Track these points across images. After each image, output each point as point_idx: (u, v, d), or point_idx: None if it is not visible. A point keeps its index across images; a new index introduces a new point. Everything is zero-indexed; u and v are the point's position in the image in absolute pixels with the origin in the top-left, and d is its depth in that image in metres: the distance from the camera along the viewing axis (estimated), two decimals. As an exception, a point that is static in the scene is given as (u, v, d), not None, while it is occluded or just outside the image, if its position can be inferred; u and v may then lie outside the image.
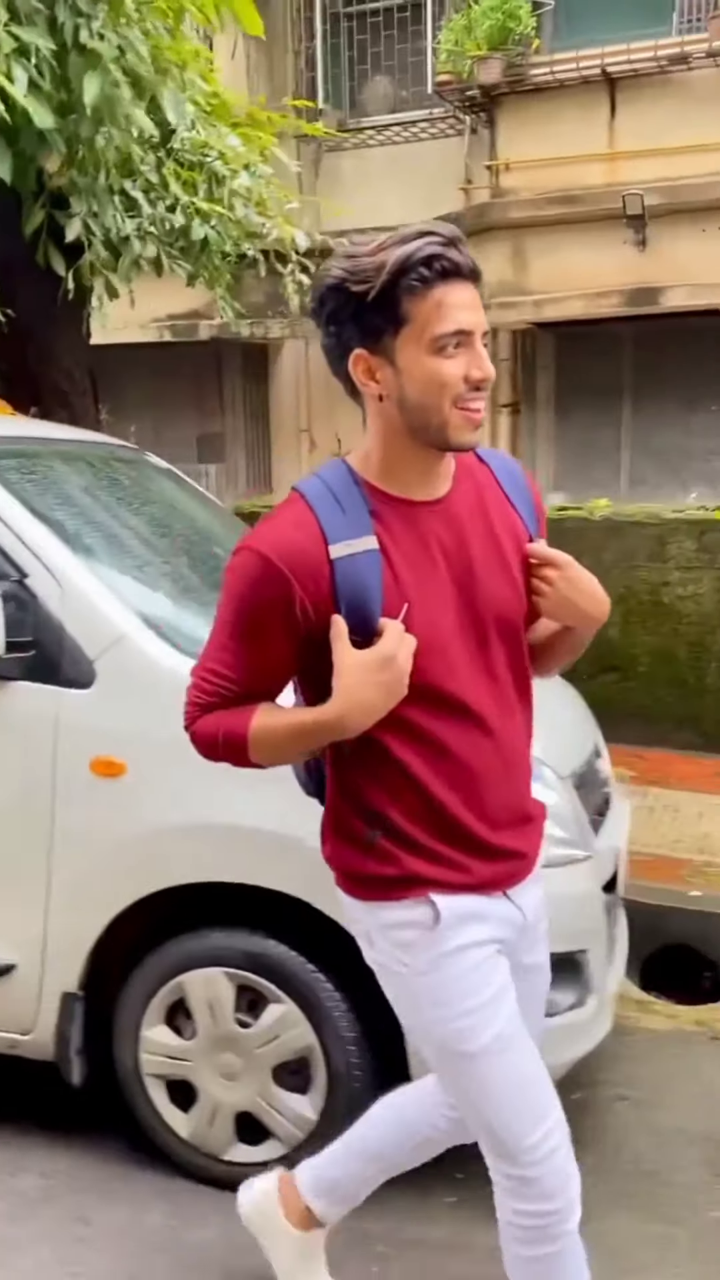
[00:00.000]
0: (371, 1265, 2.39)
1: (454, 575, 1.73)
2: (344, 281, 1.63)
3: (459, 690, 1.73)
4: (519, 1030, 1.79)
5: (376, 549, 1.68)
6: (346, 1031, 2.49)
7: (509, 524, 1.80)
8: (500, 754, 1.78)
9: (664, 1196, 2.61)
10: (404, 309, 1.61)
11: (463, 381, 1.64)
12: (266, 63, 9.82)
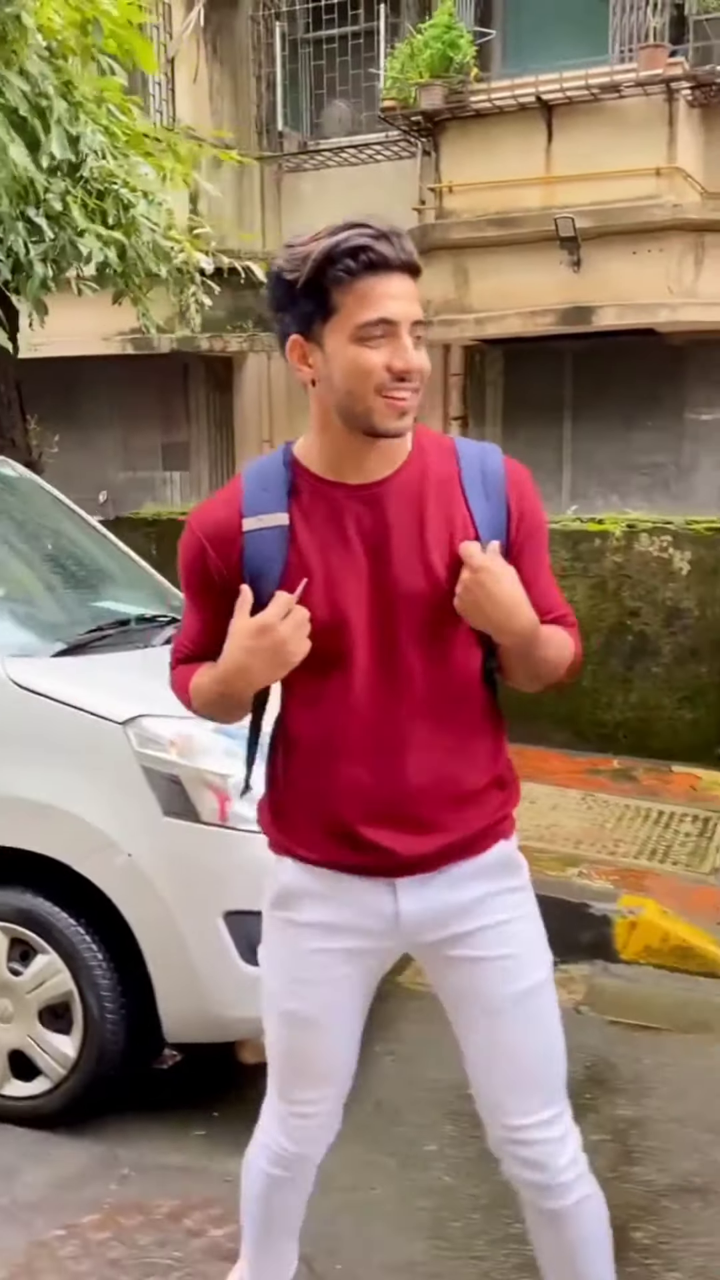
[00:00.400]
0: (111, 1184, 2.69)
1: (368, 558, 1.74)
2: (282, 271, 1.69)
3: (346, 670, 1.76)
4: (339, 1014, 1.86)
5: (285, 525, 1.74)
6: (102, 980, 2.80)
7: (448, 517, 1.75)
8: (384, 744, 1.77)
9: (393, 1133, 2.90)
10: (332, 298, 1.65)
11: (385, 370, 1.66)
12: (231, 86, 10.18)
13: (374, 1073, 3.19)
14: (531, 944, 1.85)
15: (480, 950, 1.81)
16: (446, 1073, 3.19)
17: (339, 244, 1.63)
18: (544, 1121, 1.83)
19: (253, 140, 10.24)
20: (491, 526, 1.76)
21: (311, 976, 1.84)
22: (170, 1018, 2.81)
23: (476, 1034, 1.85)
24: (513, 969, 1.81)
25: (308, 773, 1.82)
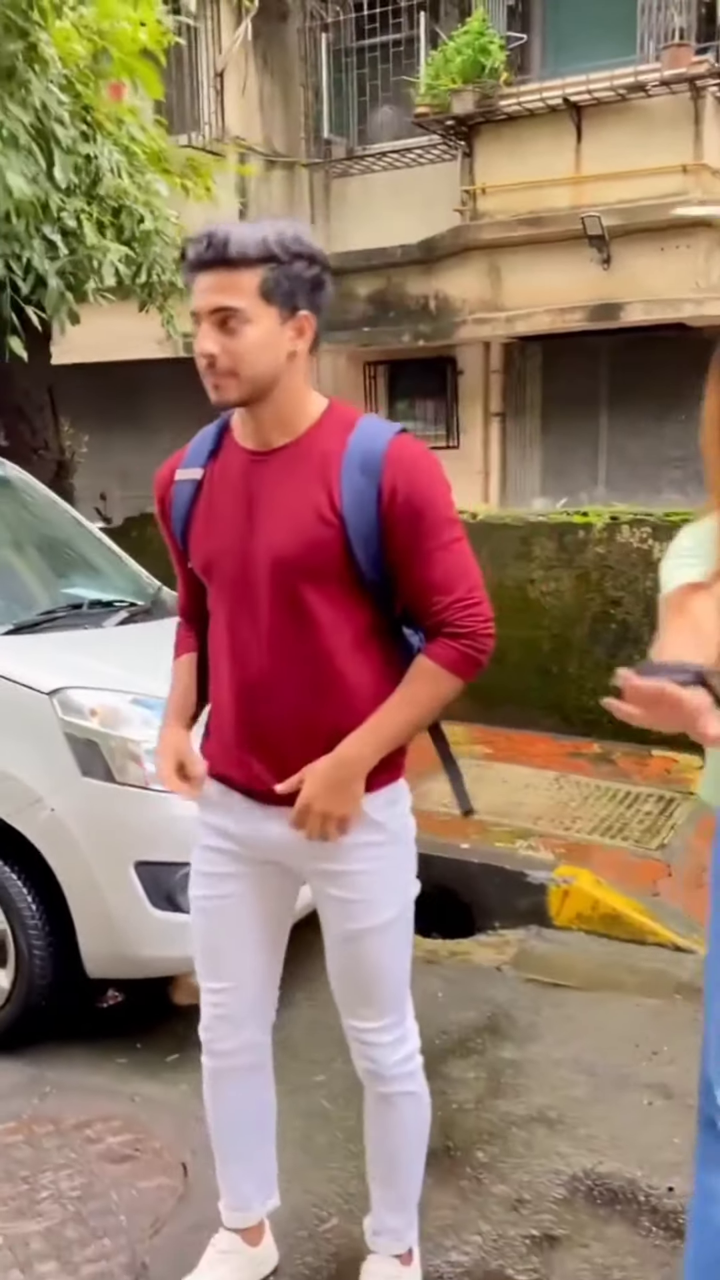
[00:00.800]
0: (33, 1099, 3.05)
1: (247, 514, 1.96)
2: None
3: (227, 606, 2.01)
4: (234, 914, 2.12)
5: (198, 479, 2.02)
6: (31, 921, 3.16)
7: (320, 488, 1.91)
8: (259, 673, 1.98)
9: (291, 1065, 3.19)
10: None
11: (199, 356, 1.88)
12: (281, 95, 10.55)
13: (289, 1017, 3.50)
14: (381, 893, 2.06)
15: (337, 890, 2.06)
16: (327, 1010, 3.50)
17: (183, 252, 1.91)
18: (377, 1029, 2.12)
19: (302, 147, 10.60)
20: (359, 504, 1.90)
21: (210, 870, 2.13)
22: (90, 956, 3.16)
23: (331, 954, 2.13)
24: (360, 911, 2.06)
25: (214, 694, 2.10)
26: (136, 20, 5.63)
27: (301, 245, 1.87)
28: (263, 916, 2.15)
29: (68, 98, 5.60)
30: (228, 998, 2.19)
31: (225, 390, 1.90)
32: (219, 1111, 2.27)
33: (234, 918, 2.13)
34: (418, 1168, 2.23)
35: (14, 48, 4.95)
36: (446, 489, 1.98)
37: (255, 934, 2.16)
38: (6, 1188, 2.68)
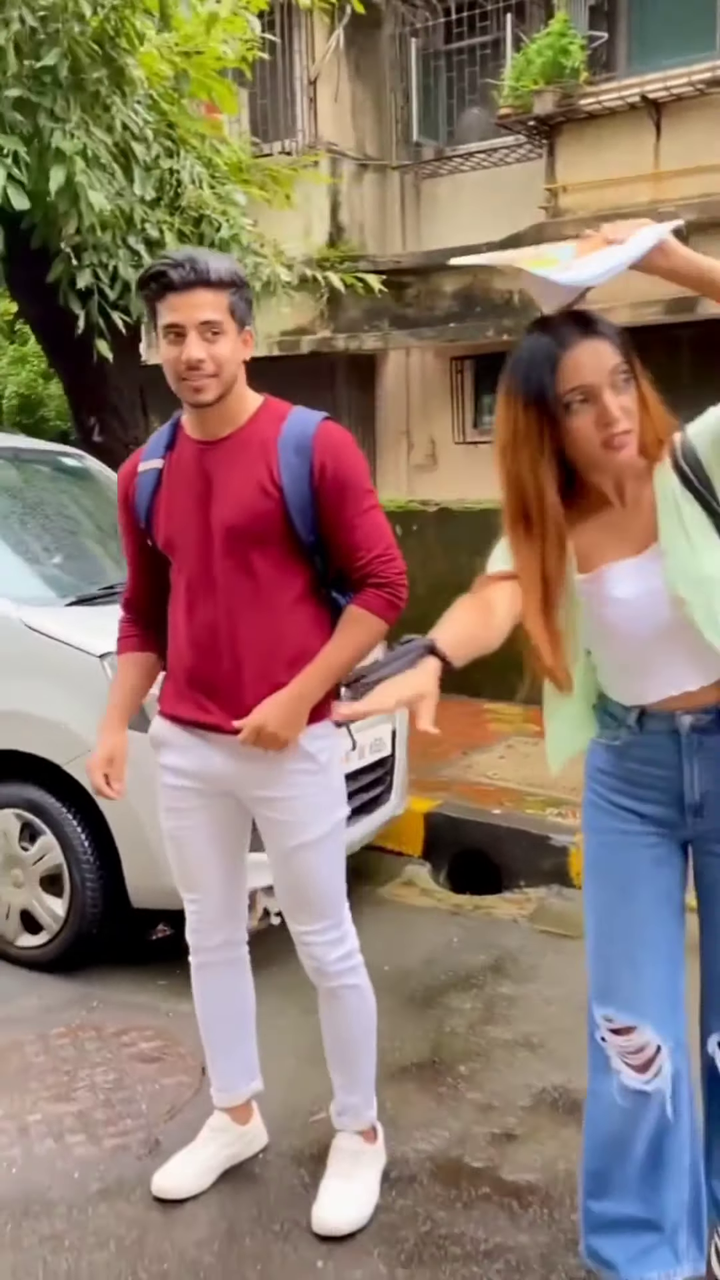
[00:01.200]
0: (82, 1011, 3.48)
1: (201, 495, 2.32)
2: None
3: (187, 574, 2.37)
4: (197, 837, 2.51)
5: (158, 469, 2.39)
6: (84, 855, 3.59)
7: (263, 469, 2.28)
8: (210, 628, 2.34)
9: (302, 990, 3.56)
10: (153, 309, 2.26)
11: (180, 362, 2.22)
12: (373, 101, 10.88)
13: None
14: (312, 814, 2.42)
15: (272, 812, 2.44)
16: (387, 956, 3.85)
17: (144, 274, 2.26)
18: (315, 930, 2.49)
19: (392, 150, 10.92)
20: (295, 478, 2.28)
21: (173, 805, 2.52)
22: (134, 888, 3.58)
23: (275, 870, 2.50)
24: (294, 830, 2.42)
25: (171, 649, 2.47)
26: (218, 39, 6.03)
27: (243, 276, 2.28)
28: (220, 839, 2.54)
29: (152, 116, 6.06)
30: (201, 905, 2.59)
31: (206, 391, 2.26)
32: (205, 1003, 2.65)
33: (197, 841, 2.54)
34: (368, 1053, 2.58)
35: (97, 75, 5.40)
36: (365, 465, 2.39)
37: (216, 853, 2.55)
38: (50, 1077, 3.10)
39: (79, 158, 5.17)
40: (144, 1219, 2.50)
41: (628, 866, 2.14)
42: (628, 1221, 2.14)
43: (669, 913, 2.14)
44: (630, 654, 2.06)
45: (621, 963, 2.14)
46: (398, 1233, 2.45)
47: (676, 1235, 2.15)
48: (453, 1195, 2.59)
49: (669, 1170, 2.14)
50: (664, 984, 2.13)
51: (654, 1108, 2.12)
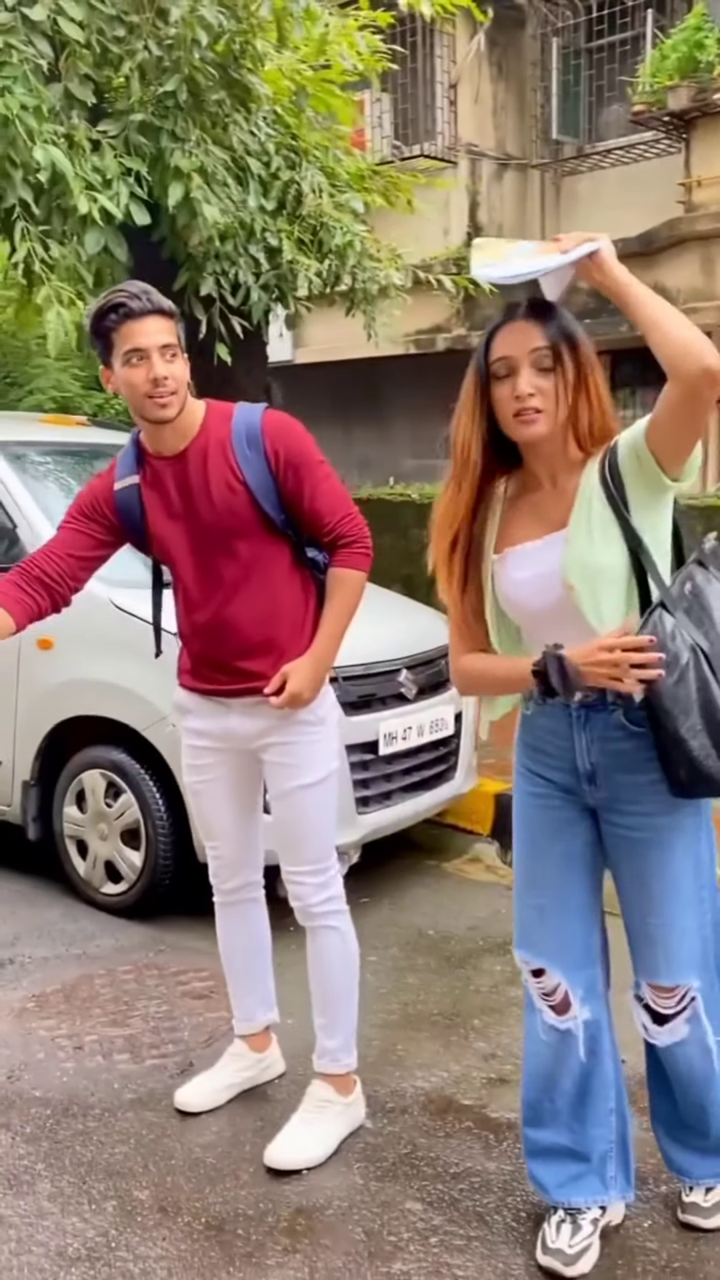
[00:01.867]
0: (150, 953, 3.86)
1: (183, 502, 2.61)
2: (86, 327, 2.60)
3: (186, 574, 2.68)
4: (216, 790, 2.82)
5: (136, 485, 2.65)
6: (158, 813, 3.98)
7: (226, 468, 2.56)
8: (213, 618, 2.66)
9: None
10: (110, 339, 2.50)
11: (146, 382, 2.48)
12: (516, 101, 11.04)
13: (368, 911, 4.16)
14: (309, 760, 2.71)
15: (277, 757, 2.73)
16: (419, 919, 4.12)
17: (103, 306, 2.49)
18: (303, 872, 2.78)
19: (532, 149, 11.05)
20: (254, 469, 2.56)
21: (195, 763, 2.84)
22: (199, 844, 3.93)
23: (273, 811, 2.80)
24: (293, 773, 2.72)
25: (182, 635, 2.81)
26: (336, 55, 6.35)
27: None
28: (235, 793, 2.85)
29: (275, 131, 6.43)
30: (221, 850, 2.90)
31: (170, 407, 2.52)
32: (227, 939, 2.97)
33: (215, 795, 2.85)
34: (347, 999, 2.83)
35: (217, 97, 5.79)
36: (311, 440, 2.67)
37: (231, 806, 2.86)
38: (110, 1006, 3.49)
39: (196, 174, 5.57)
40: (163, 1125, 2.85)
41: (539, 826, 2.37)
42: (559, 1150, 2.37)
43: (578, 871, 2.35)
44: (527, 628, 2.31)
45: (533, 913, 2.38)
46: (380, 1152, 2.73)
47: (605, 1166, 2.36)
48: (437, 1125, 2.84)
49: (595, 1107, 2.36)
50: (572, 936, 2.36)
51: (575, 1046, 2.34)
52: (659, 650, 2.08)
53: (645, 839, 2.26)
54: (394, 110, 10.61)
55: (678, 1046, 2.34)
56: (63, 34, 5.20)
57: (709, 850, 2.33)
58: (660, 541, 2.18)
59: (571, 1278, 2.29)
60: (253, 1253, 2.38)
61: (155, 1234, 2.44)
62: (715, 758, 2.12)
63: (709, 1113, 2.39)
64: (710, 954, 2.35)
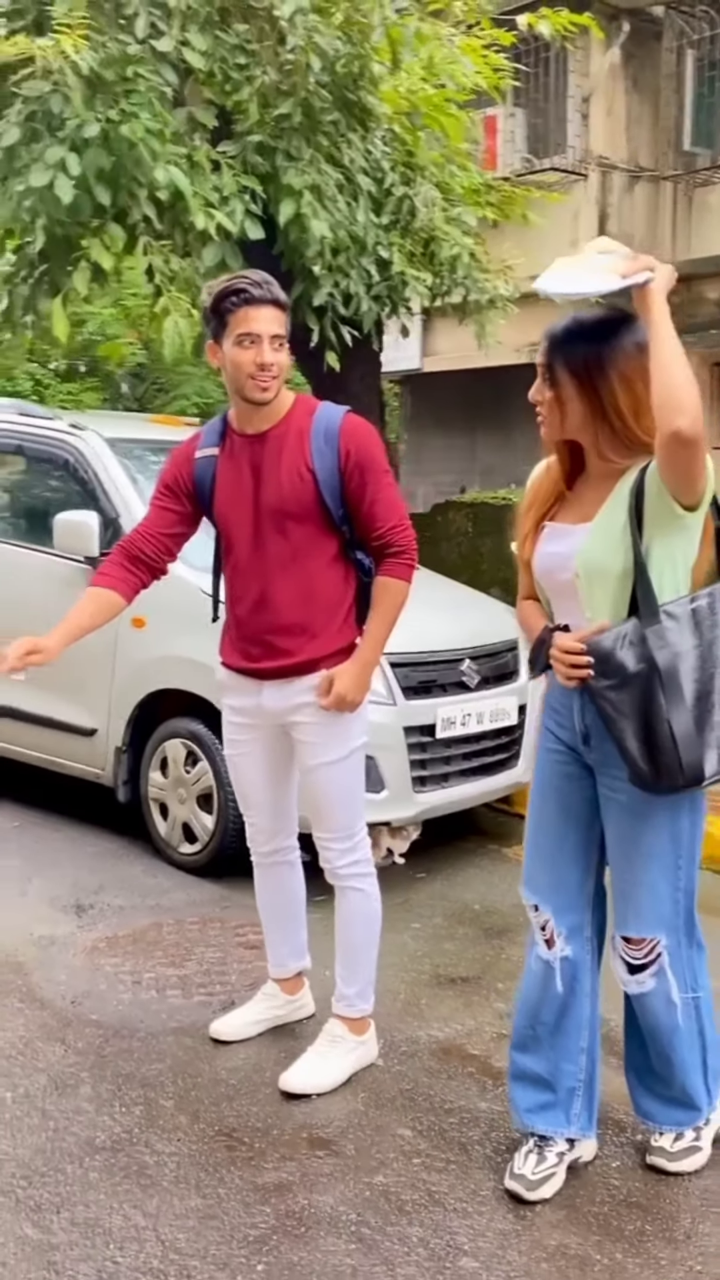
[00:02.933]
0: (216, 909, 4.19)
1: (253, 479, 2.85)
2: (203, 303, 2.84)
3: (240, 545, 2.90)
4: (250, 763, 3.08)
5: (214, 456, 2.91)
6: (229, 780, 4.30)
7: (298, 457, 2.81)
8: (260, 589, 2.88)
9: (397, 915, 4.11)
10: (225, 319, 2.75)
11: (252, 364, 2.76)
12: (648, 112, 11.09)
13: (420, 887, 4.41)
14: (330, 739, 2.95)
15: (304, 736, 2.99)
16: (469, 894, 4.35)
17: (226, 288, 2.76)
18: (328, 838, 3.05)
19: (667, 161, 11.08)
20: (325, 463, 2.81)
21: (233, 737, 3.13)
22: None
23: (302, 784, 3.10)
24: (318, 751, 2.97)
25: (228, 612, 3.06)
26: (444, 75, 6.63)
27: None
28: (269, 766, 3.11)
29: (391, 149, 6.74)
30: (256, 817, 3.19)
31: (270, 390, 2.80)
32: (262, 896, 3.27)
33: (250, 768, 3.12)
34: (367, 953, 3.09)
35: (331, 118, 6.13)
36: (382, 449, 2.93)
37: (265, 778, 3.13)
38: (171, 950, 3.84)
39: (308, 191, 5.91)
40: (197, 1049, 3.17)
41: (546, 778, 2.63)
42: (534, 1077, 2.60)
43: (575, 823, 2.60)
44: (545, 597, 2.59)
45: (534, 854, 2.64)
46: (383, 1086, 2.99)
47: (571, 1102, 2.58)
48: (441, 1068, 3.09)
49: (568, 1043, 2.58)
50: (563, 879, 2.60)
51: (555, 979, 2.57)
52: (606, 659, 2.33)
53: (625, 803, 2.49)
54: (526, 125, 10.80)
55: (645, 997, 2.57)
56: (187, 63, 5.61)
57: (691, 821, 2.53)
58: (673, 559, 2.39)
59: (530, 1200, 2.52)
60: (253, 1158, 2.67)
61: (172, 1135, 2.76)
62: (648, 762, 2.35)
63: (673, 1063, 2.59)
64: (681, 916, 2.55)
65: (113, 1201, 2.50)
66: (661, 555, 2.37)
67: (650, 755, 2.32)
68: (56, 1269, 2.29)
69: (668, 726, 2.30)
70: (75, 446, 4.98)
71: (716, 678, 2.37)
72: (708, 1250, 2.37)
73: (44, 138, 5.40)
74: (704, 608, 2.37)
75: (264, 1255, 2.34)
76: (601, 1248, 2.38)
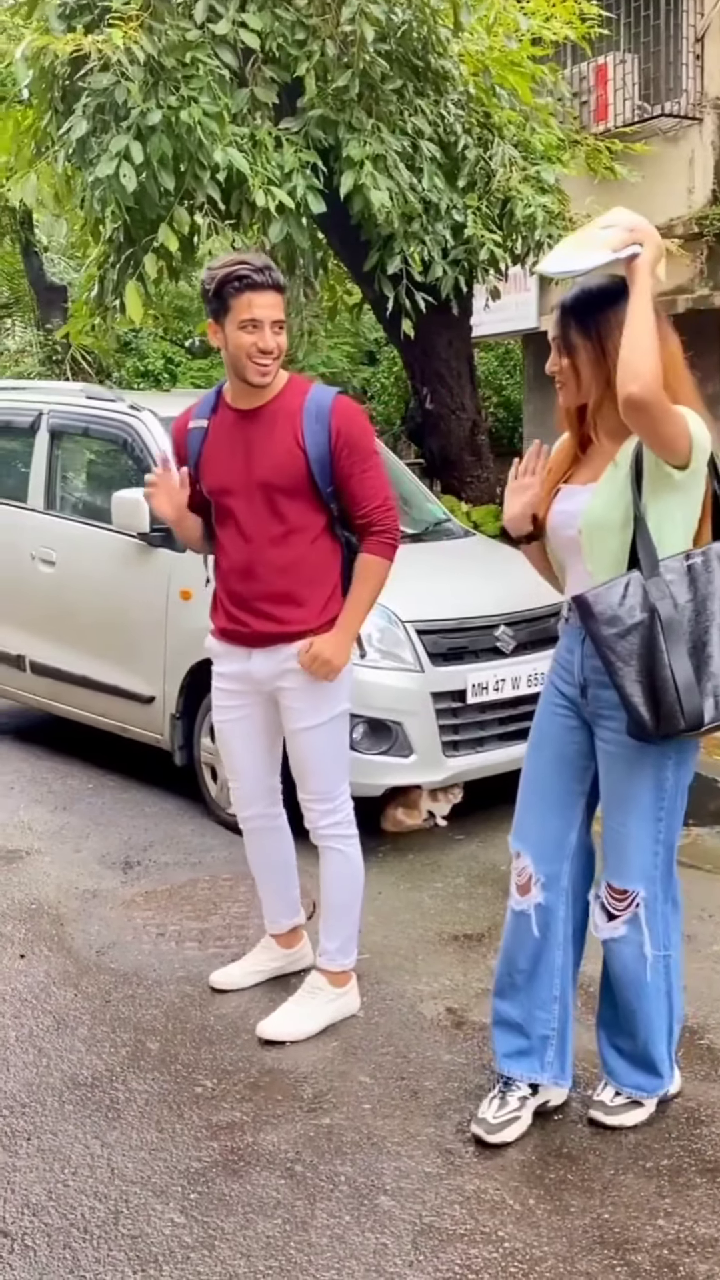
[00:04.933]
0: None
1: (245, 453, 2.97)
2: (204, 283, 2.94)
3: (231, 516, 3.02)
4: (237, 729, 3.21)
5: (204, 428, 3.06)
6: (266, 745, 4.48)
7: (289, 434, 2.93)
8: (248, 559, 3.01)
9: (420, 871, 4.21)
10: (228, 303, 2.86)
11: (254, 348, 2.87)
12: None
13: (454, 849, 4.50)
14: (313, 704, 3.09)
15: (288, 701, 3.13)
16: (498, 857, 4.42)
17: (229, 274, 2.85)
18: (311, 798, 3.19)
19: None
20: (316, 440, 2.93)
21: (222, 704, 3.26)
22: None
23: (289, 746, 3.23)
24: (301, 714, 3.12)
25: (218, 579, 3.18)
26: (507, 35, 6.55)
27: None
28: (255, 732, 3.24)
29: (464, 112, 6.71)
30: (241, 783, 3.33)
31: (270, 373, 2.93)
32: (253, 856, 3.42)
33: (237, 734, 3.25)
34: (348, 911, 3.21)
35: (393, 86, 6.15)
36: (371, 431, 3.04)
37: (250, 744, 3.26)
38: (200, 905, 4.05)
39: (368, 161, 5.97)
40: (194, 996, 3.36)
41: (543, 729, 2.73)
42: (511, 1023, 2.71)
43: (566, 774, 2.69)
44: (556, 553, 2.70)
45: (523, 802, 2.75)
46: (356, 1036, 3.12)
47: (545, 1049, 2.68)
48: (415, 1020, 3.20)
49: (540, 990, 2.68)
50: (548, 828, 2.69)
51: (532, 925, 2.66)
52: (610, 609, 2.42)
53: (614, 753, 2.59)
54: (636, 70, 10.48)
55: (616, 943, 2.65)
56: (245, 43, 5.73)
57: (675, 775, 2.61)
58: (671, 516, 2.48)
59: (492, 1144, 2.62)
60: (214, 1098, 2.85)
61: (148, 1075, 2.96)
62: (649, 708, 2.43)
63: (638, 1018, 2.65)
64: (660, 869, 2.62)
65: (79, 1132, 2.72)
66: (660, 512, 2.46)
67: (652, 701, 2.41)
68: (13, 1187, 2.52)
69: (669, 671, 2.39)
70: (133, 426, 5.19)
71: (711, 631, 2.46)
72: (620, 1200, 2.43)
73: (111, 129, 5.62)
74: (699, 565, 2.47)
75: (199, 1186, 2.51)
76: (518, 1193, 2.46)
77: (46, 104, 6.21)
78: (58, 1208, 2.45)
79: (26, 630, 5.67)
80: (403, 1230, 2.35)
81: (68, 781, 5.44)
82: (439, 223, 6.66)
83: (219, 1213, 2.42)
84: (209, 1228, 2.38)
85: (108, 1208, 2.45)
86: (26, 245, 14.32)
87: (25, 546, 5.63)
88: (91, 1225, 2.39)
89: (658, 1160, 2.56)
